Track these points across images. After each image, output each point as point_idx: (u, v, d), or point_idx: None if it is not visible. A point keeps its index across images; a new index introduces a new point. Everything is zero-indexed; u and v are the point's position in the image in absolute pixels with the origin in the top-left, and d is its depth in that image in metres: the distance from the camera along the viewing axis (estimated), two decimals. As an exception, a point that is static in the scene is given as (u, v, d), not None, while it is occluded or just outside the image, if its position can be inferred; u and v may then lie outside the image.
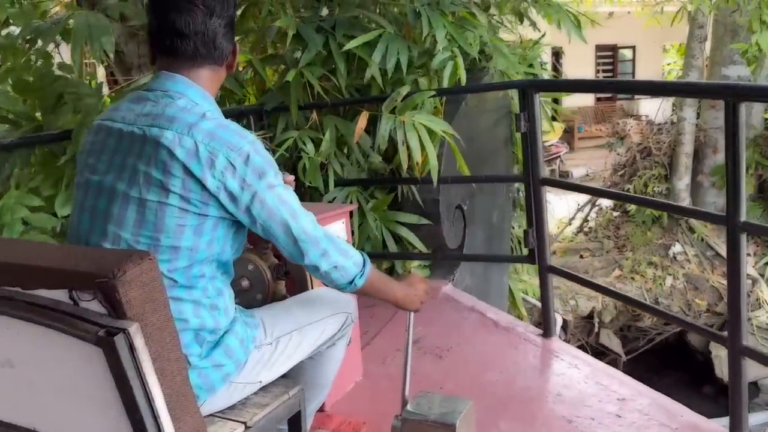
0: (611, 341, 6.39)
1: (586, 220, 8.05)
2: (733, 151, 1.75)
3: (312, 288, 1.88)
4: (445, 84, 3.00)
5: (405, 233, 3.23)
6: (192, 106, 1.32)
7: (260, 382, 1.45)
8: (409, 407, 1.65)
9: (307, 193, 3.08)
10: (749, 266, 6.12)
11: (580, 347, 6.48)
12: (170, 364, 1.15)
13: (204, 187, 1.26)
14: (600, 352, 6.42)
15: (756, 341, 5.71)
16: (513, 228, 4.47)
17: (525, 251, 2.76)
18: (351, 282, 1.43)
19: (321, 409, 2.17)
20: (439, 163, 2.82)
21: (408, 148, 2.69)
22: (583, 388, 2.31)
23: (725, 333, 1.89)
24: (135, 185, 1.28)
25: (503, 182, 3.60)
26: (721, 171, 6.82)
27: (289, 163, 3.04)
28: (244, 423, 1.35)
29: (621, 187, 7.47)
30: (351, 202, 3.02)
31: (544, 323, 2.72)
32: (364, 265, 1.47)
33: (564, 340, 6.36)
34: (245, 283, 1.93)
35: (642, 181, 7.29)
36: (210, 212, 1.29)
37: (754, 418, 5.21)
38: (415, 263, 3.42)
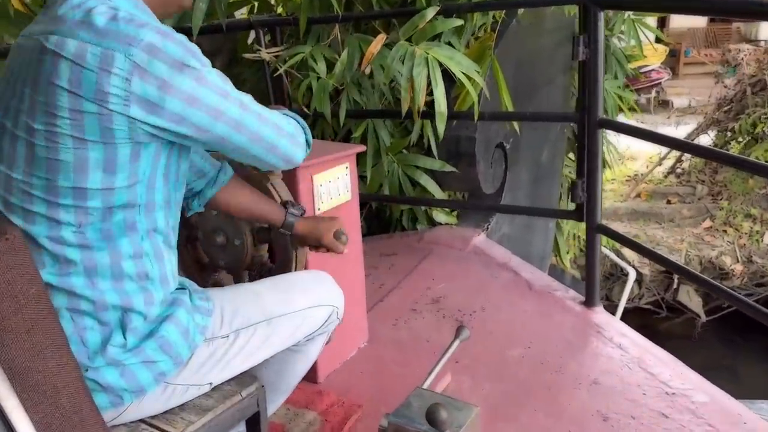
0: (690, 299, 5.77)
1: (680, 160, 7.13)
2: None
3: (297, 264, 1.54)
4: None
5: (424, 180, 2.83)
6: (88, 2, 0.96)
7: (210, 384, 1.15)
8: (399, 409, 1.33)
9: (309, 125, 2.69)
10: None
11: (655, 303, 5.99)
12: (49, 379, 0.85)
13: (102, 103, 0.92)
14: (676, 310, 5.91)
15: None
16: (565, 170, 3.99)
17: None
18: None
19: (314, 381, 1.89)
20: (479, 97, 2.36)
21: (412, 87, 2.23)
22: (625, 376, 1.93)
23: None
24: (22, 112, 0.96)
25: (552, 121, 3.09)
26: None
27: (293, 88, 2.63)
28: (174, 436, 1.06)
29: (725, 125, 6.48)
30: (365, 139, 2.62)
31: (587, 290, 2.33)
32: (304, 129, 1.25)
33: (637, 295, 5.90)
34: (220, 238, 1.62)
35: (750, 120, 6.19)
36: (118, 138, 0.95)
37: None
38: (441, 211, 3.04)
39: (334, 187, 1.80)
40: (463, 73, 2.25)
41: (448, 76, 2.31)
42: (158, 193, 1.03)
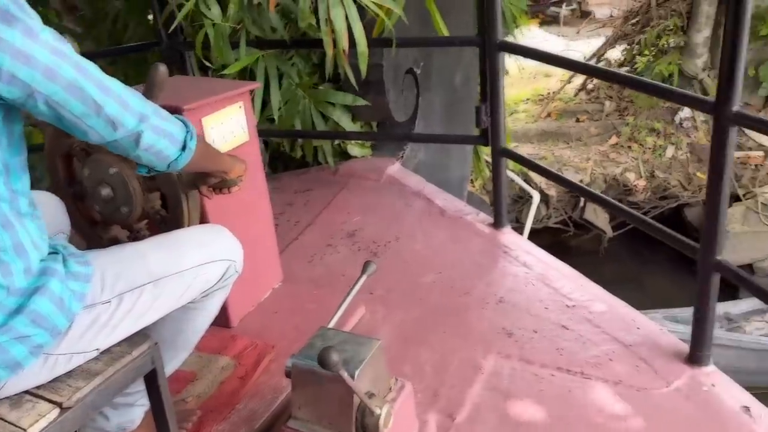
0: (597, 217, 5.91)
1: (589, 77, 7.12)
2: (735, 15, 1.29)
3: (190, 211, 1.49)
4: None
5: (337, 116, 2.77)
6: None
7: (97, 350, 1.11)
8: (302, 350, 1.35)
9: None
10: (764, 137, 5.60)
11: (563, 222, 6.11)
12: None
13: None
14: (583, 227, 6.09)
15: (761, 219, 5.31)
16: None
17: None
18: (183, 147, 1.10)
19: (226, 326, 1.89)
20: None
21: (332, 29, 2.14)
22: (529, 292, 2.03)
23: (698, 245, 1.57)
24: None
25: (452, 46, 3.04)
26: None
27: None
28: (59, 404, 1.04)
29: (632, 39, 6.58)
30: (266, 74, 2.50)
31: (495, 213, 2.39)
32: (186, 124, 1.13)
33: (546, 215, 6.06)
34: (106, 191, 1.54)
35: (655, 32, 6.30)
36: None
37: (743, 305, 4.94)
38: (355, 144, 3.00)
39: (228, 129, 1.73)
40: (375, 3, 2.17)
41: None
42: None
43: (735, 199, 5.48)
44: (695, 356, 1.65)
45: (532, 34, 8.04)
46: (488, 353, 1.75)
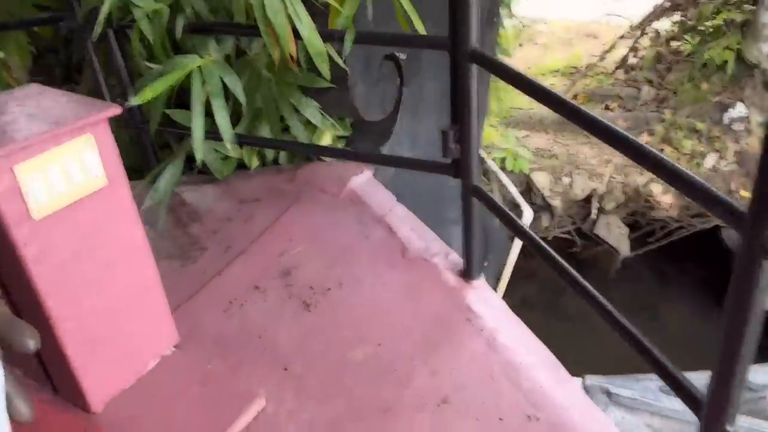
0: (610, 232, 4.88)
1: (633, 48, 5.77)
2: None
3: None
4: None
5: (311, 113, 2.25)
6: None
7: None
8: None
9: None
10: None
11: (568, 233, 5.20)
12: None
13: None
14: (595, 243, 5.13)
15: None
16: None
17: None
18: None
19: (85, 409, 1.49)
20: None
21: (273, 31, 1.62)
22: (486, 393, 1.54)
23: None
24: None
25: (419, 47, 2.43)
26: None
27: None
28: None
29: (684, 9, 5.27)
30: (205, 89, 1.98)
31: (465, 261, 1.89)
32: None
33: (552, 225, 5.11)
34: None
35: (711, 6, 4.98)
36: None
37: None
38: (328, 136, 2.49)
39: (65, 176, 1.27)
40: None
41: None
42: None
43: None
44: None
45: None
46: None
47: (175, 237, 2.23)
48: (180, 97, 2.15)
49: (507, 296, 4.36)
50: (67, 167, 1.26)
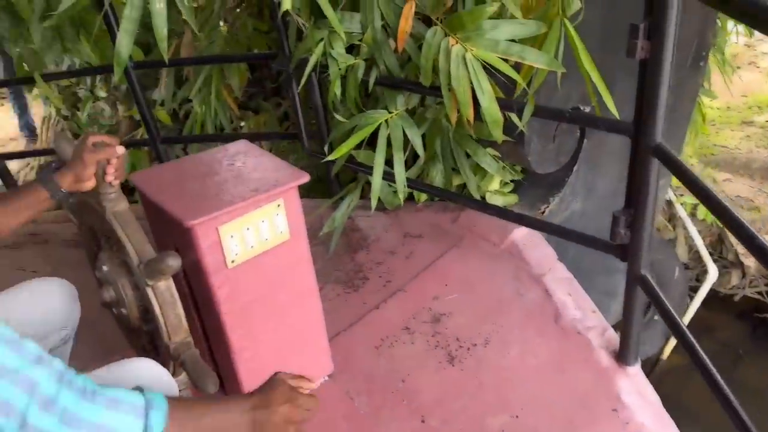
0: None
1: None
2: None
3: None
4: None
5: (480, 155, 2.29)
6: None
7: None
8: None
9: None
10: None
11: (759, 294, 4.32)
12: None
13: None
14: None
15: None
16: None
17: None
18: None
19: None
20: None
21: (455, 96, 1.71)
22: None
23: None
24: None
25: (600, 129, 2.27)
26: None
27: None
28: None
29: None
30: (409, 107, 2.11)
31: (621, 346, 1.81)
32: (149, 407, 0.88)
33: (736, 285, 4.40)
34: (108, 293, 1.41)
35: None
36: None
37: None
38: (496, 182, 2.51)
39: (256, 233, 1.46)
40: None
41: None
42: None
43: None
44: None
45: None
46: None
47: (344, 263, 2.42)
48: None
49: (675, 351, 4.03)
50: (259, 226, 1.46)
